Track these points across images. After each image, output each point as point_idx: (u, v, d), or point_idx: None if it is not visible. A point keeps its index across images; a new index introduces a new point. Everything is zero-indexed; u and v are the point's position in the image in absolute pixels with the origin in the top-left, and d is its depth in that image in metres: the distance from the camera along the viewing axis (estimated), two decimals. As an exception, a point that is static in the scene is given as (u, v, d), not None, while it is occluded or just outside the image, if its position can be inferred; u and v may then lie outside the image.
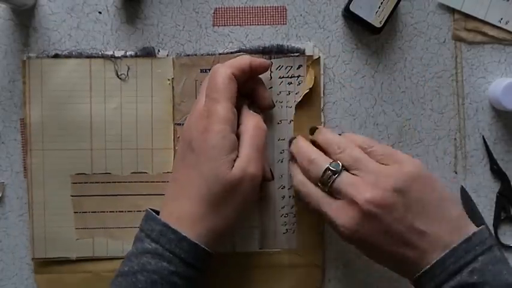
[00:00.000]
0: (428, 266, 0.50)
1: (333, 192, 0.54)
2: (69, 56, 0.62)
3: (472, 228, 0.52)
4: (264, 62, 0.58)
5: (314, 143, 0.59)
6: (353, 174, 0.54)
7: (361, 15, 0.60)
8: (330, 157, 0.56)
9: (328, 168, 0.54)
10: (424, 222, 0.51)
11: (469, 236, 0.51)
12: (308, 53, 0.62)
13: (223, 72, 0.54)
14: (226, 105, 0.53)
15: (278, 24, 0.63)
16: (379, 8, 0.60)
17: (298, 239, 0.63)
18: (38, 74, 0.62)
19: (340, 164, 0.54)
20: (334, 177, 0.53)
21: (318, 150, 0.57)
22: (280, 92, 0.62)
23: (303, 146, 0.59)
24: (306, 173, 0.57)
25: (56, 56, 0.62)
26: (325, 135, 0.59)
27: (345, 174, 0.54)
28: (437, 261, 0.50)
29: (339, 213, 0.53)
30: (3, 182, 0.63)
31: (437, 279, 0.50)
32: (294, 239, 0.63)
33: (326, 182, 0.54)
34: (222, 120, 0.53)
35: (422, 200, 0.52)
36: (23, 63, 0.62)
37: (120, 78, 0.62)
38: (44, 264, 0.63)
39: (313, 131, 0.60)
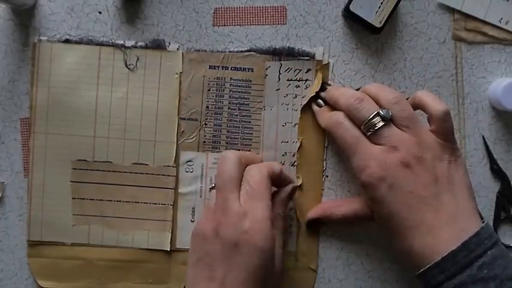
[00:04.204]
0: (439, 259, 0.50)
1: (373, 138, 0.55)
2: (79, 42, 0.62)
3: (479, 222, 0.53)
4: (291, 180, 0.60)
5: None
6: (401, 129, 0.55)
7: (361, 15, 0.60)
8: (379, 104, 0.56)
9: (378, 113, 0.54)
10: (449, 198, 0.53)
11: (478, 230, 0.51)
12: (318, 57, 0.62)
13: (261, 171, 0.55)
14: (268, 204, 0.54)
15: (278, 24, 0.63)
16: (379, 8, 0.60)
17: (295, 242, 0.63)
18: (47, 58, 0.62)
19: (391, 114, 0.54)
20: (381, 124, 0.54)
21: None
22: (287, 94, 0.62)
23: (346, 89, 0.61)
24: (351, 111, 0.56)
25: (67, 41, 0.62)
26: (375, 84, 0.60)
27: (393, 126, 0.54)
28: (449, 255, 0.50)
29: (375, 154, 0.54)
30: (3, 182, 0.63)
31: (448, 272, 0.50)
32: (291, 242, 0.63)
33: (371, 126, 0.54)
34: (268, 219, 0.52)
35: (452, 179, 0.54)
36: (33, 46, 0.62)
37: (128, 68, 0.62)
38: (38, 248, 0.63)
39: (324, 87, 0.62)
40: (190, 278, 0.53)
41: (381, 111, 0.54)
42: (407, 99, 0.57)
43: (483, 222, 0.53)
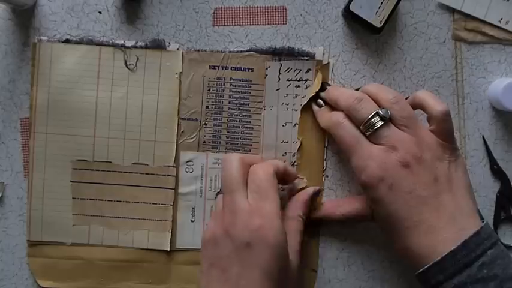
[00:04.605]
0: (439, 258, 0.50)
1: (372, 138, 0.55)
2: (79, 42, 0.62)
3: (478, 222, 0.53)
4: (296, 175, 0.61)
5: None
6: (400, 129, 0.54)
7: (361, 15, 0.60)
8: (379, 104, 0.56)
9: (377, 113, 0.54)
10: (449, 197, 0.53)
11: (478, 230, 0.51)
12: (318, 57, 0.62)
13: (266, 169, 0.55)
14: (276, 200, 0.53)
15: (278, 24, 0.63)
16: (379, 8, 0.60)
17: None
18: (48, 58, 0.62)
19: (390, 113, 0.54)
20: (380, 124, 0.54)
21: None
22: (287, 94, 0.62)
23: (345, 89, 0.61)
24: (350, 111, 0.56)
25: (67, 41, 0.62)
26: (375, 84, 0.60)
27: (392, 126, 0.54)
28: (448, 254, 0.50)
29: (374, 154, 0.54)
30: (3, 182, 0.63)
31: (447, 272, 0.50)
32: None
33: (371, 126, 0.54)
34: (277, 215, 0.52)
35: (452, 179, 0.54)
36: (33, 46, 0.62)
37: (128, 68, 0.62)
38: (38, 248, 0.63)
39: (324, 87, 0.62)
40: (203, 285, 0.53)
41: (380, 111, 0.54)
42: (407, 98, 0.58)
43: (483, 222, 0.53)
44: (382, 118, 0.54)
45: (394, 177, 0.53)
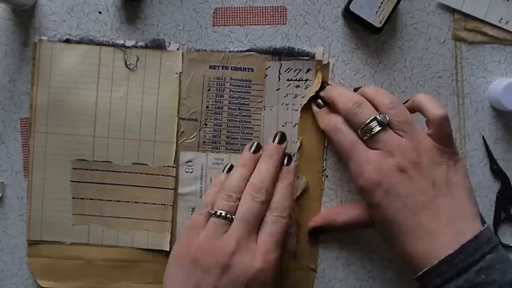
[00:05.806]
0: (436, 262, 0.50)
1: (370, 143, 0.55)
2: (80, 42, 0.62)
3: (479, 226, 0.52)
4: None
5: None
6: (397, 133, 0.54)
7: (361, 15, 0.60)
8: (376, 108, 0.56)
9: (375, 118, 0.54)
10: (447, 201, 0.52)
11: (477, 234, 0.51)
12: (318, 57, 0.62)
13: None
14: None
15: (278, 24, 0.63)
16: (379, 8, 0.60)
17: (295, 242, 0.63)
18: (48, 58, 0.62)
19: (388, 118, 0.54)
20: (378, 129, 0.54)
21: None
22: (287, 94, 0.62)
23: (345, 91, 0.60)
24: (349, 115, 0.56)
25: (67, 41, 0.62)
26: (373, 87, 0.59)
27: (390, 131, 0.54)
28: (446, 258, 0.50)
29: (371, 159, 0.54)
30: (3, 182, 0.63)
31: (444, 276, 0.50)
32: (291, 243, 0.63)
33: (368, 131, 0.54)
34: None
35: (451, 183, 0.53)
36: (33, 46, 0.62)
37: (128, 68, 0.62)
38: (38, 248, 0.63)
39: (324, 87, 0.62)
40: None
41: (378, 116, 0.54)
42: (406, 101, 0.57)
43: (484, 226, 0.52)
44: (380, 123, 0.54)
45: (391, 182, 0.53)
